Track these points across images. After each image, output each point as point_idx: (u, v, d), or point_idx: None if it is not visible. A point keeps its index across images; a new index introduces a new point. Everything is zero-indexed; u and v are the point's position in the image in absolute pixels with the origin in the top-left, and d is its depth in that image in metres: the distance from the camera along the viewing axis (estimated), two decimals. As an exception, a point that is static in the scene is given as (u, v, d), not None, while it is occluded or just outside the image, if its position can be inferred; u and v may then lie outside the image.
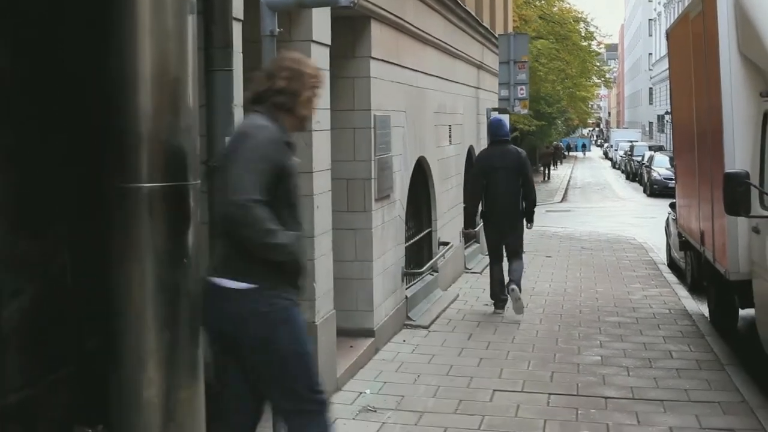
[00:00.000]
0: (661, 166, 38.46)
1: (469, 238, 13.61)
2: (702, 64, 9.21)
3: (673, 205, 15.25)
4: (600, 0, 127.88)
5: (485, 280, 13.47)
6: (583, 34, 49.11)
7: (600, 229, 23.26)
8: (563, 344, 9.36)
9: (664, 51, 70.52)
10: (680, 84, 11.51)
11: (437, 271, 11.92)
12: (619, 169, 62.62)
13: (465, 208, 11.36)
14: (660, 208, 32.26)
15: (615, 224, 25.35)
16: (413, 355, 8.72)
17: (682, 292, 12.84)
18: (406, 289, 10.18)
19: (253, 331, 4.01)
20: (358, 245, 8.51)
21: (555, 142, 64.66)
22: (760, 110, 7.60)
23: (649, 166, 39.11)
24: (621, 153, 62.23)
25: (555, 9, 46.96)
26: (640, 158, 47.53)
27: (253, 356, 4.08)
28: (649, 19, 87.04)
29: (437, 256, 11.65)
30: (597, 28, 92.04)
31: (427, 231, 11.76)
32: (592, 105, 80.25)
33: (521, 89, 16.57)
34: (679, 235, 12.34)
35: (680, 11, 54.18)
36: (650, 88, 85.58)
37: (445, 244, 12.14)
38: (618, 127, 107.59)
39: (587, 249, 18.24)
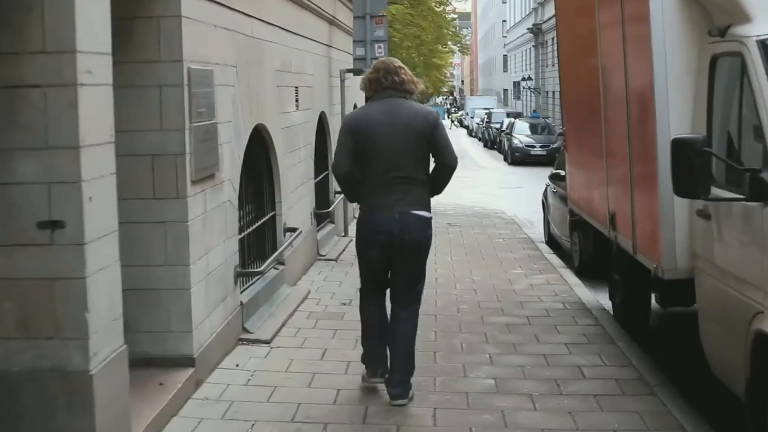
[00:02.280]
0: (522, 134, 37.26)
1: None
2: (616, 7, 7.29)
3: (554, 177, 13.49)
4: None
5: (341, 269, 11.45)
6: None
7: (464, 201, 21.53)
8: (443, 361, 7.36)
9: (518, 17, 69.95)
10: (575, 40, 9.65)
11: (283, 264, 9.78)
12: (475, 137, 61.58)
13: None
14: (523, 177, 30.98)
15: (479, 195, 23.71)
16: (248, 390, 6.54)
17: (572, 278, 11.06)
18: (242, 292, 8.00)
19: (426, 240, 6.20)
20: (169, 244, 6.28)
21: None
22: (706, 55, 5.71)
23: (509, 134, 37.81)
24: (477, 120, 61.26)
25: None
26: (498, 125, 46.38)
27: (418, 254, 6.22)
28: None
29: (282, 246, 9.49)
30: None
31: (270, 215, 9.59)
32: (446, 73, 79.25)
33: (379, 47, 14.50)
34: (571, 213, 10.51)
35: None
36: (504, 56, 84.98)
37: (293, 230, 9.98)
38: (472, 95, 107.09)
39: (454, 225, 16.39)
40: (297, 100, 10.91)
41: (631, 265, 7.58)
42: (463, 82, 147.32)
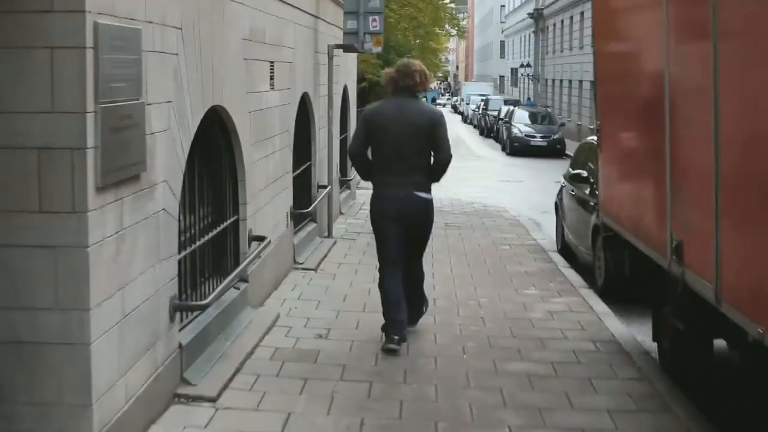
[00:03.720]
0: (522, 123, 35.27)
1: None
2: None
3: (574, 178, 11.56)
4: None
5: (321, 281, 9.54)
6: (436, -20, 46.07)
7: (462, 195, 19.58)
8: (448, 441, 5.45)
9: (518, 2, 67.94)
10: (625, 24, 7.63)
11: (246, 281, 7.85)
12: (471, 124, 59.58)
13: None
14: (523, 169, 29.03)
15: (478, 189, 21.77)
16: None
17: (599, 304, 9.13)
18: (181, 330, 6.05)
19: (429, 218, 7.36)
20: (61, 279, 4.33)
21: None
22: None
23: (508, 122, 35.80)
24: (473, 107, 59.26)
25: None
26: (495, 113, 44.38)
27: (424, 228, 7.42)
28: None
29: (246, 261, 7.54)
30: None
31: (230, 222, 7.65)
32: (441, 58, 77.18)
33: (374, 20, 12.57)
34: (604, 227, 8.56)
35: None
36: (502, 41, 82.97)
37: (260, 239, 8.03)
38: (467, 81, 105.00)
39: (453, 226, 14.45)
40: (272, 78, 8.95)
41: (702, 311, 5.66)
42: (457, 67, 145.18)
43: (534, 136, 34.04)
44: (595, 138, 12.52)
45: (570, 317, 8.54)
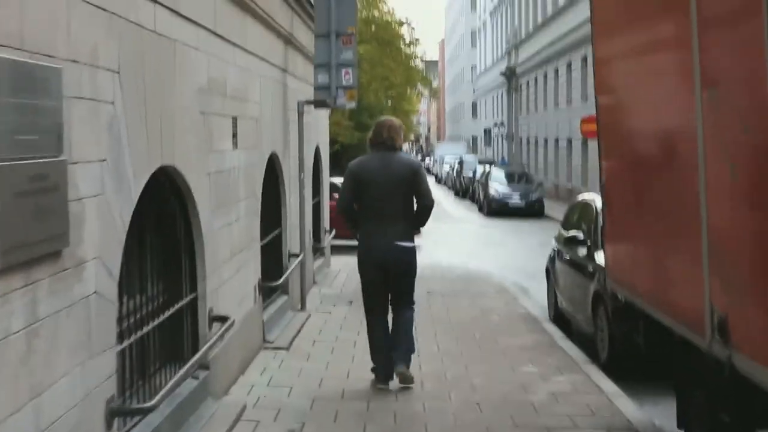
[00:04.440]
0: (498, 182, 34.42)
1: None
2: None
3: (569, 241, 10.60)
4: (419, 11, 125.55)
5: (294, 362, 8.51)
6: (407, 41, 45.84)
7: (442, 260, 18.59)
8: None
9: (489, 62, 67.67)
10: (637, 58, 6.67)
11: (207, 368, 6.79)
12: (445, 185, 58.71)
13: None
14: (503, 230, 28.08)
15: (459, 254, 20.76)
16: None
17: (606, 383, 8.12)
18: (122, 440, 4.97)
19: (412, 264, 7.75)
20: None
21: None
22: None
23: (485, 183, 34.94)
24: (447, 168, 58.53)
25: (377, 13, 43.36)
26: (471, 173, 43.57)
27: (409, 275, 7.76)
28: (472, 31, 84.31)
29: (205, 346, 6.48)
30: (419, 36, 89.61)
31: (187, 300, 6.60)
32: (413, 119, 76.74)
33: (347, 73, 11.61)
34: (612, 296, 7.58)
35: (508, 17, 50.58)
36: (474, 102, 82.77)
37: (222, 320, 6.98)
38: (439, 141, 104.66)
39: (436, 294, 13.44)
40: (235, 135, 7.97)
41: (754, 399, 4.67)
42: (429, 129, 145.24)
43: (511, 197, 33.19)
44: (587, 196, 11.62)
45: (577, 399, 7.52)
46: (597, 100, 7.85)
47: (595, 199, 10.82)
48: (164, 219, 6.16)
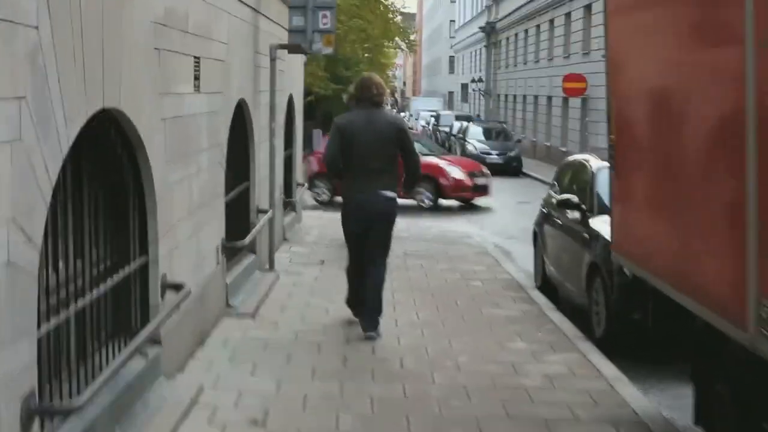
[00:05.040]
0: (476, 139, 33.55)
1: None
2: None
3: (562, 204, 9.77)
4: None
5: (259, 334, 7.67)
6: (385, -9, 44.70)
7: (418, 219, 17.75)
8: None
9: (469, 16, 66.44)
10: (666, 34, 5.73)
11: (159, 343, 5.92)
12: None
13: None
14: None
15: (435, 212, 19.95)
16: None
17: (606, 365, 7.30)
18: (47, 439, 4.11)
19: (392, 214, 7.96)
20: None
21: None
22: None
23: (463, 138, 34.07)
24: (422, 123, 57.61)
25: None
26: (447, 129, 42.66)
27: (387, 224, 7.94)
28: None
29: (156, 320, 5.61)
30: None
31: (136, 266, 5.71)
32: (389, 73, 75.52)
33: (324, 16, 10.70)
34: (618, 270, 6.76)
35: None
36: (451, 57, 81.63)
37: (177, 287, 6.10)
38: (415, 96, 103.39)
39: (413, 256, 12.62)
40: (197, 78, 7.05)
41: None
42: (405, 83, 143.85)
43: (489, 153, 32.31)
44: (581, 156, 10.79)
45: (575, 385, 6.71)
46: (608, 50, 6.95)
47: (590, 159, 10.01)
48: (108, 172, 5.26)
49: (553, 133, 36.26)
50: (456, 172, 20.99)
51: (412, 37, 55.54)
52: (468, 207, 21.38)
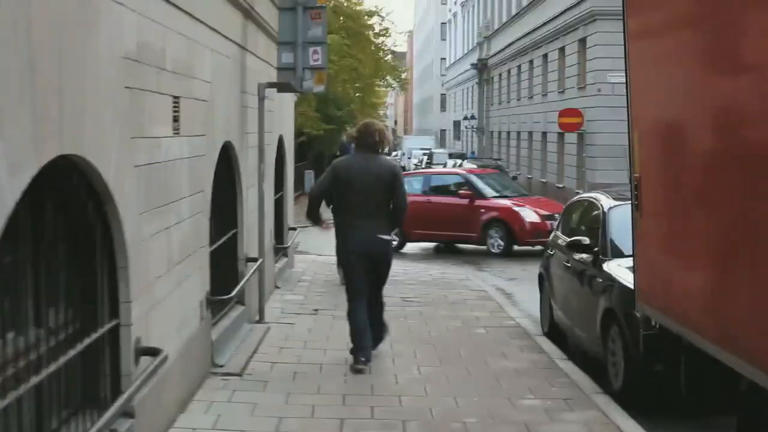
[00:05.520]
0: (471, 177, 32.90)
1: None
2: None
3: (572, 246, 9.16)
4: (387, 1, 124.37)
5: (248, 395, 7.03)
6: (377, 30, 44.60)
7: (418, 262, 17.18)
8: None
9: (459, 54, 66.21)
10: (695, 59, 5.14)
11: (132, 416, 5.27)
12: (414, 179, 57.35)
13: None
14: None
15: (432, 252, 19.37)
16: None
17: (626, 422, 6.68)
18: None
19: (389, 256, 8.41)
20: None
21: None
22: None
23: (457, 177, 33.43)
24: (415, 161, 57.13)
25: (345, 2, 41.99)
26: (441, 167, 42.13)
27: (385, 263, 8.39)
28: (442, 23, 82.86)
29: (128, 391, 4.97)
30: (393, 23, 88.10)
31: (105, 330, 5.09)
32: (380, 113, 75.24)
33: (315, 53, 10.13)
34: (645, 322, 6.14)
35: (480, 8, 48.98)
36: (443, 94, 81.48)
37: (153, 352, 5.47)
38: (406, 135, 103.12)
39: (412, 302, 11.99)
40: (176, 120, 6.46)
41: None
42: (396, 122, 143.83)
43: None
44: (590, 194, 10.22)
45: (599, 450, 6.09)
46: (630, 78, 6.36)
47: (600, 197, 9.42)
48: (72, 228, 4.65)
49: (548, 170, 35.74)
50: (531, 216, 19.21)
51: (403, 75, 55.29)
52: (465, 246, 20.76)
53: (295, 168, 19.05)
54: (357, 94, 47.62)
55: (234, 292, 8.28)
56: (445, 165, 40.77)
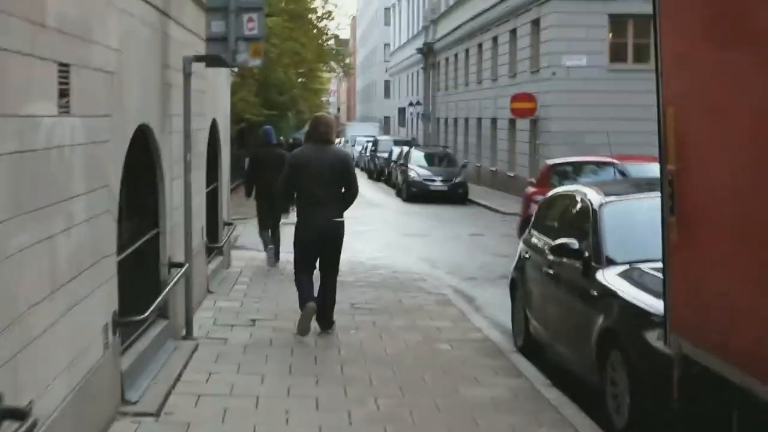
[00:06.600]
0: (418, 164, 31.57)
1: None
2: None
3: (554, 251, 7.73)
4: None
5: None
6: (319, 14, 42.98)
7: (362, 255, 15.77)
8: None
9: (404, 39, 64.71)
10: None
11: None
12: (358, 166, 55.79)
13: None
14: (425, 218, 25.11)
15: (379, 246, 17.96)
16: None
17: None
18: None
19: (341, 235, 9.07)
20: None
21: (293, 138, 57.85)
22: None
23: (404, 165, 32.05)
24: (359, 149, 55.64)
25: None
26: (386, 155, 40.69)
27: (338, 243, 9.08)
28: (386, 8, 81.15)
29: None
30: (336, 6, 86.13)
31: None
32: (322, 99, 73.42)
33: (250, 20, 8.60)
34: (683, 362, 4.73)
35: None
36: (387, 81, 79.81)
37: (19, 415, 3.94)
38: (349, 121, 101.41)
39: (363, 310, 10.56)
40: (65, 94, 4.92)
41: None
42: (339, 109, 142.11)
43: (433, 180, 30.39)
44: (574, 188, 8.81)
45: None
46: (662, 51, 4.89)
47: (587, 192, 8.03)
48: None
49: (499, 158, 34.46)
50: None
51: (347, 60, 53.74)
52: (413, 240, 19.32)
53: (233, 156, 17.48)
54: (300, 80, 46.04)
55: (148, 312, 6.70)
56: (390, 152, 39.35)
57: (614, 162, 13.22)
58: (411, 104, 55.79)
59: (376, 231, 20.90)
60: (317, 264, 9.23)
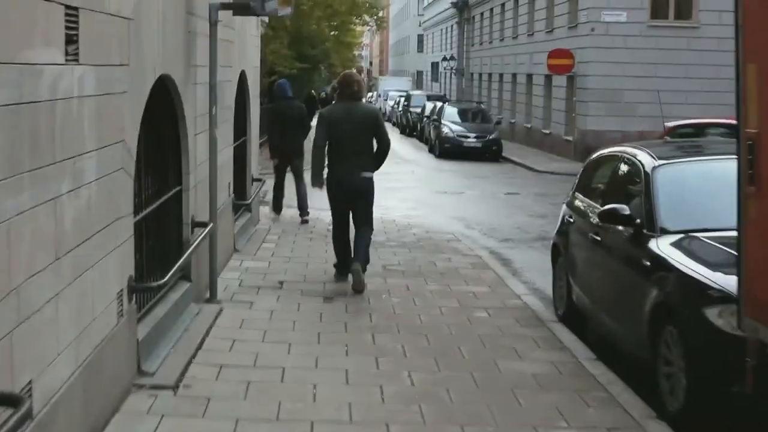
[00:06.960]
0: (452, 120, 30.92)
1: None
2: None
3: (606, 216, 7.18)
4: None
5: (183, 420, 5.09)
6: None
7: (394, 213, 15.36)
8: None
9: (438, -8, 63.67)
10: None
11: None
12: (389, 121, 55.16)
13: None
14: (459, 175, 24.55)
15: (412, 204, 17.47)
16: None
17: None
18: None
19: (371, 190, 9.25)
20: None
21: (324, 91, 56.91)
22: None
23: (438, 120, 31.43)
24: (391, 103, 54.97)
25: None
26: (419, 110, 40.01)
27: (368, 198, 9.23)
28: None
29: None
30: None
31: None
32: (355, 54, 72.68)
33: (281, -35, 8.04)
34: (758, 349, 4.23)
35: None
36: (420, 35, 78.76)
37: (15, 402, 3.51)
38: (381, 76, 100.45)
39: (395, 271, 10.11)
40: (74, 41, 4.45)
41: None
42: (371, 63, 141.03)
43: (467, 137, 29.77)
44: (622, 149, 8.25)
45: None
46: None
47: (637, 154, 7.47)
48: None
49: (534, 114, 33.75)
50: None
51: (380, 14, 52.96)
52: (447, 198, 18.80)
53: (263, 109, 17.00)
54: (332, 33, 45.47)
55: (167, 278, 6.27)
56: (423, 107, 38.69)
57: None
58: (445, 59, 54.93)
59: (408, 188, 20.42)
60: (350, 219, 9.39)
